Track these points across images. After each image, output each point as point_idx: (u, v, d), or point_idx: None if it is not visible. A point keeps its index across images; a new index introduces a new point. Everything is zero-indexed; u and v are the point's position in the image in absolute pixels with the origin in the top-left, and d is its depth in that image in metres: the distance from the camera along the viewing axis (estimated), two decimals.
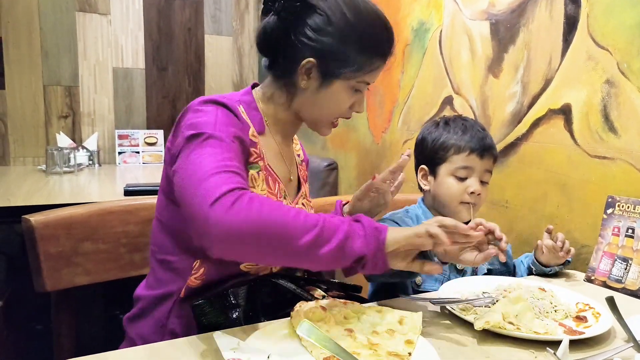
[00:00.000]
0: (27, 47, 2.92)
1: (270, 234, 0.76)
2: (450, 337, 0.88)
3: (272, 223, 0.76)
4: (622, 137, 1.25)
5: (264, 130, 1.02)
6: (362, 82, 0.99)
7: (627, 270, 1.15)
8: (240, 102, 1.00)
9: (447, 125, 1.26)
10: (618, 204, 1.20)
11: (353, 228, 0.82)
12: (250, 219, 0.74)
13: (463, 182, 1.21)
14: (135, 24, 3.19)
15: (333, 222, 0.81)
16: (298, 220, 0.78)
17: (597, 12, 1.30)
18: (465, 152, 1.21)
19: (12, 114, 2.93)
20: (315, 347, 0.77)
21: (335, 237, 0.79)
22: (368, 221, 0.84)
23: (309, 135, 2.86)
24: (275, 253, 0.79)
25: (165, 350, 0.79)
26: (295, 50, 0.96)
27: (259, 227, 0.75)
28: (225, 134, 0.87)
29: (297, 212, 0.79)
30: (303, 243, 0.76)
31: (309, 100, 1.00)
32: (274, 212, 0.77)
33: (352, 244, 0.80)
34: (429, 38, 1.94)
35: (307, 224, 0.78)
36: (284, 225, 0.76)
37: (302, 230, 0.77)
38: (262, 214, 0.75)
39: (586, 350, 0.83)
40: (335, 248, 0.79)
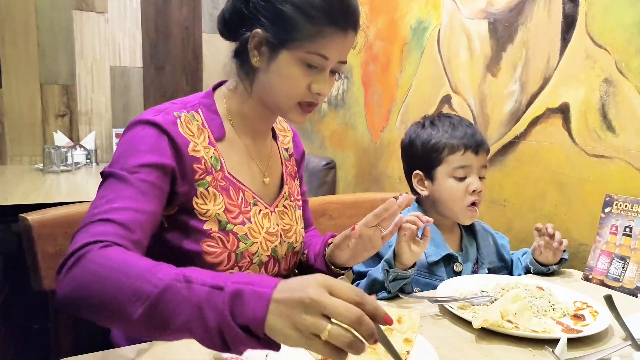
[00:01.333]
0: (24, 45, 2.91)
1: (100, 304, 0.66)
2: (449, 335, 0.88)
3: (102, 292, 0.66)
4: (620, 136, 1.26)
5: (224, 135, 0.97)
6: (313, 54, 0.89)
7: (624, 269, 1.16)
8: (200, 105, 0.96)
9: (434, 125, 1.22)
10: (616, 202, 1.21)
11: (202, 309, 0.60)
12: (79, 289, 0.68)
13: (463, 181, 1.18)
14: (133, 23, 3.18)
15: (177, 294, 0.62)
16: (132, 287, 0.64)
17: (595, 11, 1.31)
18: (460, 150, 1.18)
19: (9, 112, 2.91)
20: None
21: (172, 318, 0.61)
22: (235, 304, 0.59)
23: (308, 133, 2.85)
24: (118, 322, 0.68)
25: (165, 348, 0.78)
26: (246, 25, 0.91)
27: (88, 296, 0.67)
28: (127, 165, 0.82)
29: (140, 273, 0.65)
30: (137, 316, 0.62)
31: (263, 80, 0.93)
32: (110, 276, 0.66)
33: (194, 330, 0.61)
34: (427, 37, 1.94)
35: (141, 292, 0.63)
36: (114, 295, 0.65)
37: (134, 300, 0.63)
38: (93, 282, 0.67)
39: (584, 348, 0.83)
40: (172, 331, 0.62)
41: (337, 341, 0.55)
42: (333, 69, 0.94)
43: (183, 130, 0.90)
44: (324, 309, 0.56)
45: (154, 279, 0.63)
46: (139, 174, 0.82)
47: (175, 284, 0.62)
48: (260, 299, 0.58)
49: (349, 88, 2.50)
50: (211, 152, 0.94)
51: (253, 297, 0.58)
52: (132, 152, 0.84)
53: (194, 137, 0.91)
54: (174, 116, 0.90)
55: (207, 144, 0.93)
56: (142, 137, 0.86)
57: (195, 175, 0.90)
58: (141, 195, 0.81)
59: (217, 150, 0.95)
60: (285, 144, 1.15)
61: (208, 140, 0.94)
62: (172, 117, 0.89)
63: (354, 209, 1.56)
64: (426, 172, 1.23)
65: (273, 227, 1.00)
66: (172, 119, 0.89)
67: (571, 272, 1.28)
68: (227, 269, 0.92)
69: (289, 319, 0.56)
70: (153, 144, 0.85)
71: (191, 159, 0.89)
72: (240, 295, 0.59)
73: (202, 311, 0.60)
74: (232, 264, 0.92)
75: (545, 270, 1.23)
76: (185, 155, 0.88)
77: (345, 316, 0.55)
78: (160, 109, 0.91)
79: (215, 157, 0.94)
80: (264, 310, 0.57)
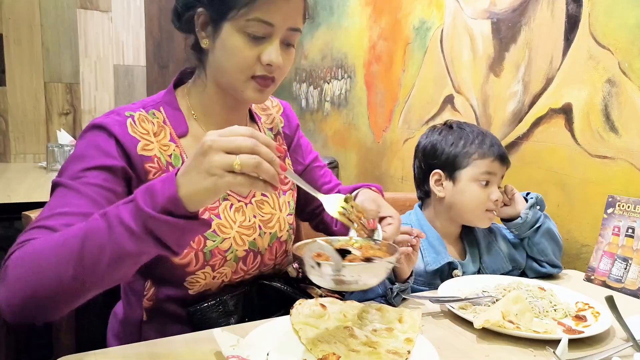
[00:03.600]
0: (28, 44, 2.93)
1: (35, 290, 0.67)
2: (450, 335, 0.88)
3: (32, 279, 0.67)
4: (623, 136, 1.25)
5: (186, 131, 0.95)
6: (253, 21, 0.84)
7: (626, 270, 1.15)
8: (161, 103, 0.95)
9: (463, 130, 1.22)
10: (618, 203, 1.20)
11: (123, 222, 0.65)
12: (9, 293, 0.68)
13: (486, 187, 1.18)
14: (136, 21, 3.19)
15: (96, 230, 0.66)
16: (57, 257, 0.67)
17: (598, 11, 1.30)
18: (489, 157, 1.17)
19: (13, 110, 2.93)
20: (314, 345, 0.77)
21: (102, 253, 0.65)
22: (146, 198, 0.65)
23: (311, 133, 2.86)
24: (62, 300, 0.69)
25: (165, 347, 0.79)
26: (191, 10, 0.90)
27: (22, 296, 0.68)
28: (74, 171, 0.81)
29: (55, 245, 0.68)
30: (70, 275, 0.65)
31: (212, 60, 0.91)
32: (30, 267, 0.68)
33: (129, 248, 0.65)
34: (430, 37, 1.94)
35: (63, 256, 0.66)
36: (41, 273, 0.67)
37: (61, 268, 0.66)
38: (18, 281, 0.68)
39: (585, 349, 0.83)
40: (109, 265, 0.65)
41: (249, 166, 0.62)
42: (286, 39, 0.90)
43: (132, 130, 0.88)
44: (224, 147, 0.62)
45: (71, 235, 0.67)
46: (84, 179, 0.80)
47: (92, 225, 0.66)
48: (166, 181, 0.64)
49: (352, 88, 2.50)
50: (171, 149, 0.92)
51: (159, 183, 0.65)
52: (80, 159, 0.83)
53: (148, 135, 0.90)
54: (125, 116, 0.89)
55: (168, 141, 0.92)
56: (90, 143, 0.85)
57: (149, 175, 0.88)
58: (85, 199, 0.78)
59: (179, 146, 0.93)
60: (268, 123, 1.11)
61: (169, 137, 0.93)
62: (122, 118, 0.88)
63: None
64: (449, 172, 1.21)
65: (249, 219, 0.98)
66: (121, 120, 0.88)
67: (573, 273, 1.28)
68: (198, 269, 0.90)
69: (199, 173, 0.62)
70: (100, 148, 0.84)
71: (141, 159, 0.88)
72: (148, 189, 0.65)
73: (124, 224, 0.64)
74: (202, 263, 0.90)
75: (519, 222, 1.20)
76: (134, 156, 0.86)
77: (244, 145, 0.61)
78: (113, 110, 0.91)
79: (176, 154, 0.92)
80: (173, 187, 0.63)
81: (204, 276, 0.91)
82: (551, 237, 1.23)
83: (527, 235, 1.22)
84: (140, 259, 0.68)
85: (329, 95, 2.71)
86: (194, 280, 0.91)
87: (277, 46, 0.88)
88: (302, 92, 2.99)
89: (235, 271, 0.96)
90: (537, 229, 1.21)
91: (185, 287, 0.92)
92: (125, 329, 0.98)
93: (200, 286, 0.92)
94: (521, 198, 1.23)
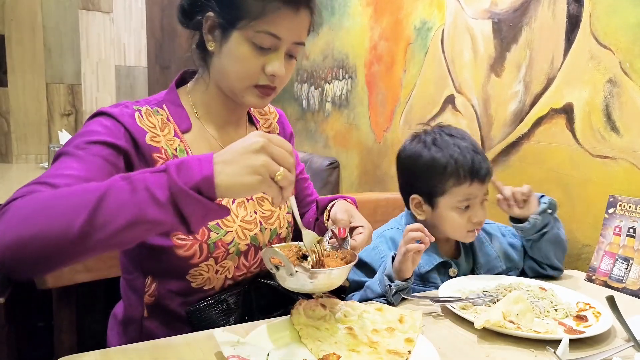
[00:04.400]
0: (30, 45, 2.93)
1: (30, 236, 0.63)
2: (451, 335, 0.88)
3: (32, 224, 0.63)
4: (624, 136, 1.25)
5: (190, 127, 0.97)
6: (263, 33, 0.87)
7: (628, 270, 1.15)
8: (164, 101, 0.97)
9: (438, 147, 1.13)
10: (620, 203, 1.20)
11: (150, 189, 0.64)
12: (5, 229, 0.64)
13: (466, 211, 1.13)
14: (138, 22, 3.20)
15: (118, 190, 0.64)
16: (68, 204, 0.64)
17: (599, 11, 1.30)
18: (466, 182, 1.10)
19: (14, 111, 2.93)
20: (315, 345, 0.77)
21: (120, 213, 0.63)
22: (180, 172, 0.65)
23: (312, 133, 2.86)
24: (57, 252, 0.64)
25: (166, 347, 0.79)
26: (200, 11, 0.91)
27: (18, 235, 0.63)
28: (79, 142, 0.81)
29: (69, 193, 0.66)
30: (78, 226, 0.62)
31: (218, 64, 0.93)
32: (40, 207, 0.65)
33: (148, 215, 0.63)
34: (431, 37, 1.94)
35: (77, 205, 0.63)
36: (48, 220, 0.63)
37: (71, 218, 0.62)
38: (22, 217, 0.64)
39: (586, 349, 0.83)
40: (123, 227, 0.63)
41: (286, 180, 0.65)
42: (290, 52, 0.92)
43: (141, 122, 0.90)
44: (274, 154, 0.65)
45: (89, 188, 0.65)
46: (88, 150, 0.80)
47: (114, 184, 0.64)
48: (203, 161, 0.65)
49: (353, 88, 2.50)
50: (176, 143, 0.94)
51: (195, 161, 0.65)
52: (85, 134, 0.83)
53: (155, 128, 0.92)
54: (133, 109, 0.91)
55: (172, 137, 0.94)
56: (98, 124, 0.85)
57: (157, 165, 0.89)
58: (87, 165, 0.78)
59: (183, 141, 0.95)
60: (266, 127, 1.14)
61: (174, 133, 0.95)
62: (131, 111, 0.90)
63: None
64: (426, 198, 1.16)
65: (250, 215, 0.99)
66: (130, 112, 0.90)
67: (574, 273, 1.28)
68: (201, 261, 0.91)
69: (244, 167, 0.64)
70: (108, 128, 0.85)
71: (149, 148, 0.89)
72: (182, 163, 0.65)
73: (150, 191, 0.63)
74: (206, 254, 0.92)
75: (528, 226, 1.17)
76: (142, 145, 0.88)
77: (287, 162, 0.65)
78: (120, 103, 0.92)
79: (181, 148, 0.94)
80: (210, 169, 0.64)
81: (207, 268, 0.92)
82: (556, 242, 1.20)
83: (532, 238, 1.20)
84: (154, 229, 0.66)
85: (330, 96, 2.71)
86: (197, 272, 0.92)
87: (281, 58, 0.90)
88: (303, 92, 2.99)
89: (237, 266, 0.97)
90: (543, 234, 1.18)
91: (187, 280, 0.92)
92: (126, 328, 0.98)
93: (203, 279, 0.93)
94: (535, 201, 1.18)
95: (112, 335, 1.02)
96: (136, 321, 0.96)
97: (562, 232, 1.23)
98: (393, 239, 1.20)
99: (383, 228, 1.25)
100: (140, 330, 0.95)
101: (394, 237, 1.20)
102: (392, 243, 1.19)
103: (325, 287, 0.81)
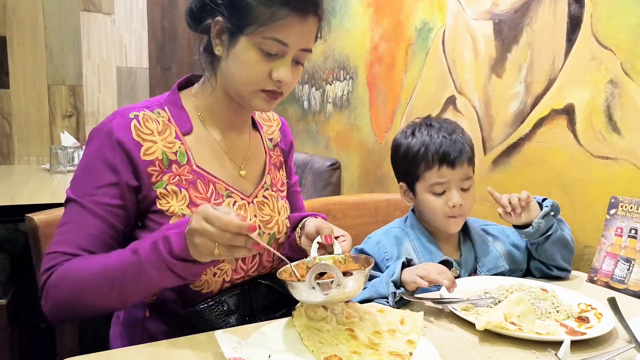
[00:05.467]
0: (32, 46, 2.94)
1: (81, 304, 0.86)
2: (452, 337, 0.88)
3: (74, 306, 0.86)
4: (626, 137, 1.25)
5: (191, 129, 0.98)
6: (270, 40, 0.88)
7: (629, 271, 1.15)
8: (166, 103, 0.98)
9: (414, 136, 1.18)
10: (621, 204, 1.20)
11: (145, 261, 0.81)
12: (59, 304, 0.86)
13: (442, 196, 1.16)
14: (139, 23, 3.20)
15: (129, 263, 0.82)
16: (100, 282, 0.83)
17: (600, 12, 1.30)
18: (434, 166, 1.14)
19: (16, 113, 2.94)
20: (317, 346, 0.77)
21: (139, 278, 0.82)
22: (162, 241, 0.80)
23: (313, 134, 2.86)
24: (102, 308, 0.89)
25: (168, 348, 0.79)
26: (208, 15, 0.92)
27: (69, 306, 0.86)
28: (87, 189, 0.89)
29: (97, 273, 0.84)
30: (114, 298, 0.85)
31: (225, 68, 0.94)
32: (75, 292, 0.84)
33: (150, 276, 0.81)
34: (432, 38, 1.94)
35: (106, 285, 0.83)
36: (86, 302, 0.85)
37: (107, 292, 0.84)
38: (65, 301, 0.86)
39: (588, 350, 0.83)
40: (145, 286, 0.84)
41: (226, 255, 0.76)
42: (296, 58, 0.93)
43: (136, 133, 0.91)
44: (208, 236, 0.74)
45: (110, 267, 0.83)
46: (95, 197, 0.89)
47: (126, 261, 0.82)
48: (180, 236, 0.78)
49: (354, 89, 2.50)
50: (176, 146, 0.95)
51: (175, 236, 0.78)
52: (89, 172, 0.90)
53: (152, 135, 0.93)
54: (129, 118, 0.92)
55: (173, 139, 0.95)
56: (97, 154, 0.90)
57: (152, 179, 0.92)
58: (98, 220, 0.88)
59: (184, 144, 0.96)
60: (269, 133, 1.15)
61: (175, 135, 0.95)
62: (127, 120, 0.91)
63: (358, 210, 1.56)
64: (408, 185, 1.22)
65: (250, 218, 1.00)
66: (126, 123, 0.91)
67: (576, 274, 1.28)
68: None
69: (194, 247, 0.76)
70: (107, 161, 0.89)
71: (144, 164, 0.91)
72: (166, 239, 0.79)
73: (151, 262, 0.79)
74: None
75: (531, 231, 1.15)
76: (137, 161, 0.90)
77: (223, 238, 0.73)
78: (118, 111, 0.94)
79: (182, 151, 0.95)
80: (184, 242, 0.77)
81: (205, 272, 0.93)
82: (562, 244, 1.19)
83: (537, 242, 1.19)
84: (166, 285, 0.84)
85: (331, 97, 2.71)
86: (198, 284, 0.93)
87: (288, 64, 0.92)
88: (304, 93, 2.99)
89: (235, 269, 0.97)
90: (547, 237, 1.17)
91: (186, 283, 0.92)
92: (128, 329, 0.98)
93: (201, 282, 0.94)
94: (536, 205, 1.18)
95: (114, 337, 1.02)
96: (138, 322, 0.96)
97: (568, 233, 1.22)
98: (397, 237, 1.22)
99: (388, 226, 1.27)
100: (142, 331, 0.96)
101: (398, 235, 1.22)
102: (395, 241, 1.21)
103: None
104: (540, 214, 1.16)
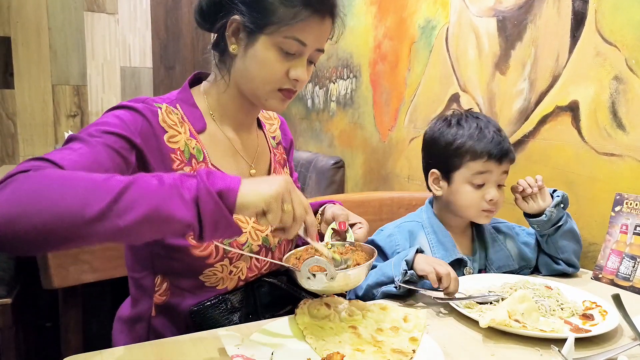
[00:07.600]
0: (36, 46, 2.95)
1: (37, 210, 0.60)
2: (455, 334, 0.87)
3: (42, 197, 0.61)
4: (631, 134, 1.24)
5: (204, 127, 0.97)
6: (290, 39, 0.89)
7: (635, 268, 1.14)
8: (177, 100, 0.97)
9: (460, 126, 1.18)
10: (626, 201, 1.19)
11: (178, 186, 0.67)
12: (10, 199, 0.61)
13: (480, 188, 1.16)
14: (143, 23, 3.21)
15: (146, 183, 0.66)
16: (87, 186, 0.64)
17: (605, 8, 1.29)
18: (482, 158, 1.13)
19: (21, 113, 2.95)
20: (319, 344, 0.77)
21: (142, 202, 0.64)
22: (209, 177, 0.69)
23: (317, 133, 2.86)
24: (60, 230, 0.61)
25: (172, 346, 0.79)
26: (223, 13, 0.92)
27: (21, 205, 0.61)
28: (93, 130, 0.80)
29: (89, 177, 0.65)
30: (94, 212, 0.61)
31: (241, 67, 0.93)
32: (52, 183, 0.63)
33: (169, 209, 0.65)
34: (435, 35, 1.93)
35: (99, 188, 0.63)
36: (62, 196, 0.62)
37: (90, 199, 0.62)
38: (30, 190, 0.62)
39: (592, 348, 0.83)
40: (142, 217, 0.64)
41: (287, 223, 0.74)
42: (310, 58, 0.95)
43: (162, 120, 0.90)
44: (285, 203, 0.72)
45: (116, 177, 0.66)
46: (99, 138, 0.79)
47: (141, 176, 0.67)
48: (234, 177, 0.71)
49: (358, 87, 2.50)
50: (193, 143, 0.94)
51: (226, 175, 0.71)
52: (101, 124, 0.83)
53: (176, 125, 0.92)
54: (155, 107, 0.91)
55: (189, 137, 0.94)
56: (116, 117, 0.85)
57: (174, 165, 0.90)
58: (97, 152, 0.77)
59: (199, 142, 0.96)
60: (272, 132, 1.15)
61: (189, 133, 0.95)
62: (154, 108, 0.90)
63: (362, 208, 1.56)
64: (444, 173, 1.20)
65: None
66: (153, 110, 0.90)
67: (581, 272, 1.27)
68: (217, 261, 0.92)
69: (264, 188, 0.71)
70: (125, 123, 0.84)
71: (168, 149, 0.90)
72: (211, 171, 0.70)
73: (177, 188, 0.67)
74: (222, 255, 0.92)
75: (544, 219, 1.18)
76: (162, 142, 0.89)
77: (299, 214, 0.74)
78: (139, 98, 0.92)
79: (198, 148, 0.95)
80: (238, 183, 0.70)
81: (221, 269, 0.93)
82: (572, 236, 1.21)
83: (548, 232, 1.20)
84: (169, 227, 0.67)
85: (335, 95, 2.71)
86: (211, 273, 0.93)
87: (304, 64, 0.93)
88: (308, 92, 2.99)
89: (250, 267, 0.97)
90: (558, 228, 1.19)
91: (200, 280, 0.93)
92: (133, 327, 0.98)
93: (217, 279, 0.94)
94: (548, 194, 1.20)
95: (118, 335, 1.02)
96: (144, 319, 0.96)
97: (577, 228, 1.24)
98: (412, 231, 1.22)
99: (402, 220, 1.27)
100: (148, 329, 0.96)
101: (413, 229, 1.22)
102: (409, 235, 1.21)
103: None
104: (552, 202, 1.18)
